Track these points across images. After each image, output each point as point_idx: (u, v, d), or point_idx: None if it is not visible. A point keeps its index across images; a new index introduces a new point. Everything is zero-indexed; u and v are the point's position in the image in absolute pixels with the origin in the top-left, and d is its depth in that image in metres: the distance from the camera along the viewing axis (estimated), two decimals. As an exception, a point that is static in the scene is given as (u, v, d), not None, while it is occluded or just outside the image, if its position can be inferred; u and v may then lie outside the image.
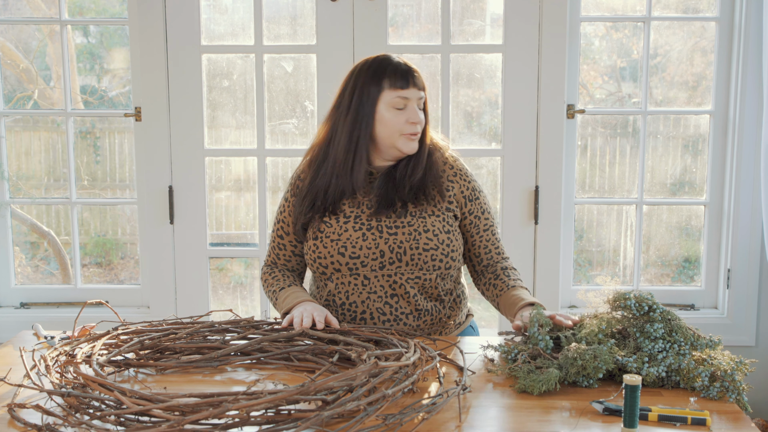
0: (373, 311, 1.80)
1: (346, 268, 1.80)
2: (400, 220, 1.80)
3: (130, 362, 1.60)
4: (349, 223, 1.80)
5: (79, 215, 3.17)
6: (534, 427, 1.36)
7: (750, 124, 2.80)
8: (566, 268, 2.95)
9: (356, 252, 1.78)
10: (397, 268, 1.79)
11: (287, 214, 1.92)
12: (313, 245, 1.83)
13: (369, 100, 1.80)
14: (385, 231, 1.79)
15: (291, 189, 1.93)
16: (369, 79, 1.80)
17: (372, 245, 1.78)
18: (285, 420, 1.23)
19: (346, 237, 1.79)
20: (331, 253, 1.79)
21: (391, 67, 1.81)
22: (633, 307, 1.59)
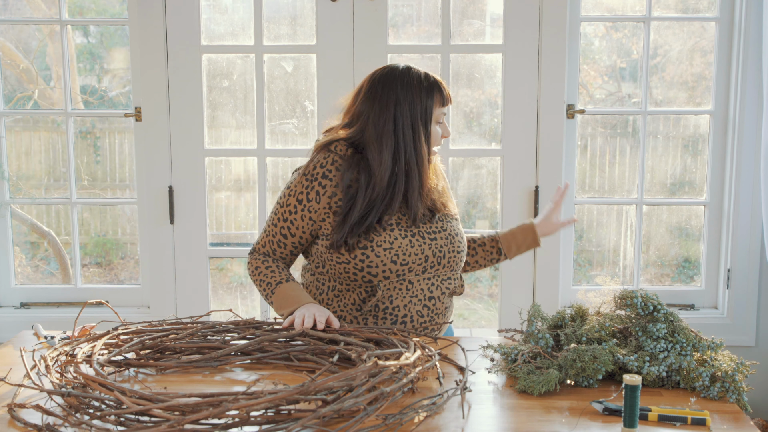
0: (413, 314, 1.81)
1: (395, 274, 1.79)
2: (435, 225, 1.85)
3: (130, 362, 1.60)
4: (395, 231, 1.79)
5: (79, 215, 3.17)
6: (534, 427, 1.36)
7: (750, 124, 2.80)
8: (566, 268, 2.95)
9: (406, 259, 1.79)
10: (436, 271, 1.84)
11: (299, 218, 1.83)
12: (360, 254, 1.77)
13: (426, 116, 1.81)
14: (427, 237, 1.82)
15: (306, 191, 1.83)
16: (422, 94, 1.81)
17: (419, 251, 1.80)
18: (285, 420, 1.23)
19: (397, 245, 1.78)
20: (384, 261, 1.77)
21: (436, 82, 1.84)
22: (639, 305, 1.59)
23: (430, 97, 1.81)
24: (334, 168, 1.81)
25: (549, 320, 1.68)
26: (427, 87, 1.81)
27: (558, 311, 1.71)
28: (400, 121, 1.79)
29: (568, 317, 1.68)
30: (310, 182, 1.82)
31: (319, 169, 1.82)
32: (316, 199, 1.81)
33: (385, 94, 1.80)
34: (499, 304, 2.93)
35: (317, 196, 1.81)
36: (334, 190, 1.80)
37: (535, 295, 2.89)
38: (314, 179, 1.82)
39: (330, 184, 1.80)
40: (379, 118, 1.79)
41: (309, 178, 1.82)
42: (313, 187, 1.81)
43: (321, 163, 1.83)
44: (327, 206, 1.80)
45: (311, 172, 1.83)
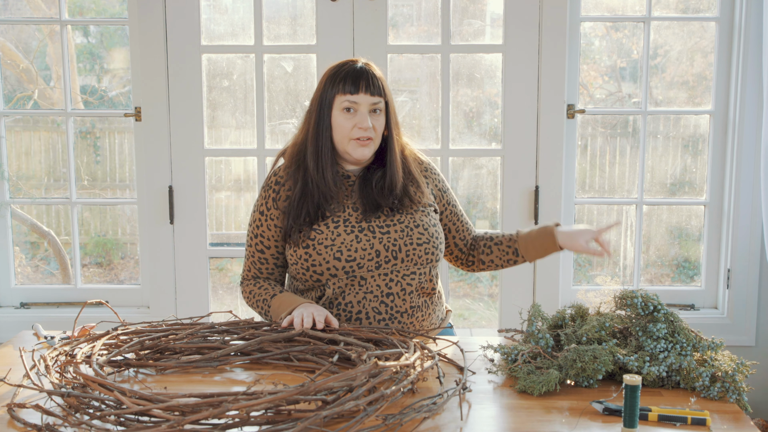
0: (369, 311, 1.79)
1: (343, 272, 1.78)
2: (390, 219, 1.83)
3: (130, 362, 1.60)
4: (339, 228, 1.80)
5: (79, 215, 3.17)
6: (534, 427, 1.36)
7: (750, 124, 2.80)
8: (566, 268, 2.95)
9: (352, 255, 1.78)
10: (393, 266, 1.80)
11: (266, 228, 1.87)
12: (304, 254, 1.79)
13: (327, 105, 1.82)
14: (378, 231, 1.80)
15: (264, 201, 1.87)
16: (328, 83, 1.83)
17: (367, 246, 1.79)
18: (285, 420, 1.23)
19: (340, 241, 1.78)
20: (326, 259, 1.78)
21: (345, 71, 1.82)
22: (639, 305, 1.59)
23: (332, 85, 1.82)
24: (286, 173, 1.86)
25: (549, 320, 1.68)
26: (331, 75, 1.83)
27: (558, 311, 1.70)
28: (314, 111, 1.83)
29: (568, 317, 1.68)
30: (266, 191, 1.88)
31: (273, 177, 1.89)
32: (274, 206, 1.86)
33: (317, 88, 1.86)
34: (499, 304, 2.93)
35: (274, 203, 1.86)
36: (288, 193, 1.85)
37: (535, 295, 2.88)
38: (269, 188, 1.88)
39: (283, 188, 1.86)
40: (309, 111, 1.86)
41: (265, 188, 1.89)
42: (269, 195, 1.87)
43: (274, 171, 1.90)
44: (284, 209, 1.85)
45: (267, 183, 1.89)
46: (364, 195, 1.84)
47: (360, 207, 1.83)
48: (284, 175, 1.86)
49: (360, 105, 1.80)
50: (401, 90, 3.17)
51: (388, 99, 1.85)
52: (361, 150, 1.81)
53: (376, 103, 1.81)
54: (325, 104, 1.82)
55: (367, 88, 1.80)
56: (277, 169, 1.89)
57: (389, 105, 1.86)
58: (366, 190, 1.84)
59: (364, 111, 1.80)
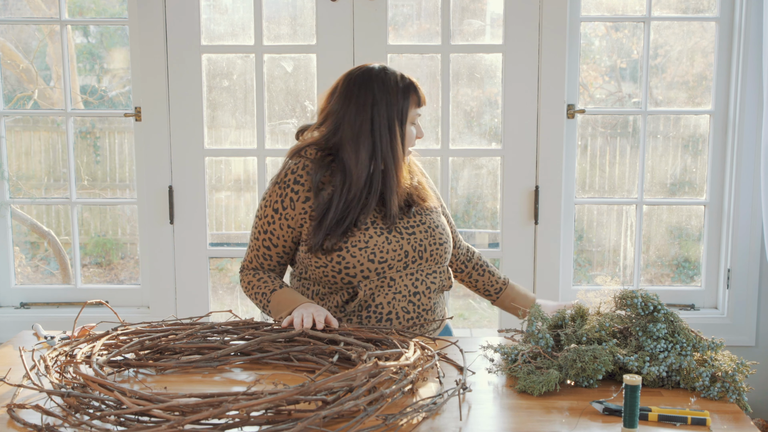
0: (399, 311, 1.81)
1: (375, 273, 1.78)
2: (412, 220, 1.84)
3: (129, 362, 1.60)
4: (370, 230, 1.79)
5: (79, 215, 3.17)
6: (534, 427, 1.36)
7: (750, 124, 2.80)
8: (566, 268, 2.95)
9: (384, 256, 1.78)
10: (419, 265, 1.83)
11: (277, 227, 1.84)
12: (336, 257, 1.77)
13: (402, 118, 1.81)
14: (404, 232, 1.82)
15: (281, 199, 1.82)
16: (400, 96, 1.81)
17: (397, 247, 1.80)
18: (285, 420, 1.23)
19: (372, 243, 1.78)
20: (360, 261, 1.77)
21: (412, 84, 1.84)
22: (639, 305, 1.59)
23: (406, 98, 1.81)
24: (305, 173, 1.81)
25: (549, 320, 1.68)
26: (403, 88, 1.81)
27: (558, 311, 1.71)
28: (377, 121, 1.78)
29: (568, 317, 1.68)
30: (283, 190, 1.82)
31: (290, 175, 1.82)
32: (291, 206, 1.81)
33: (362, 94, 1.79)
34: (499, 304, 2.93)
35: (291, 203, 1.81)
36: (308, 194, 1.80)
37: (536, 295, 2.88)
38: (287, 186, 1.82)
39: (302, 189, 1.80)
40: (356, 118, 1.78)
41: (282, 186, 1.82)
42: (286, 194, 1.81)
43: (292, 169, 1.83)
44: (302, 211, 1.81)
45: (283, 180, 1.82)
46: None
47: (381, 210, 1.83)
48: (303, 174, 1.81)
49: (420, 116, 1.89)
50: (401, 90, 3.15)
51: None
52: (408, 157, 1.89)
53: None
54: (401, 117, 1.81)
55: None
56: (294, 167, 1.82)
57: None
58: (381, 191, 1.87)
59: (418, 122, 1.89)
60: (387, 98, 1.79)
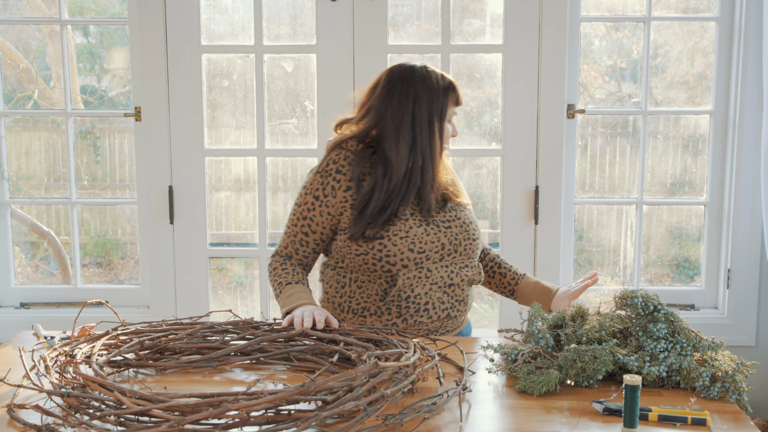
0: (435, 301, 1.86)
1: (413, 263, 1.84)
2: (448, 215, 1.91)
3: (129, 362, 1.60)
4: (409, 221, 1.85)
5: (79, 215, 3.17)
6: (534, 427, 1.36)
7: (750, 124, 2.80)
8: (566, 268, 2.95)
9: (423, 247, 1.84)
10: (453, 258, 1.89)
11: (317, 213, 1.89)
12: (377, 245, 1.82)
13: (442, 115, 1.89)
14: (441, 226, 1.88)
15: (322, 187, 1.88)
16: (440, 93, 1.88)
17: (434, 239, 1.86)
18: (285, 420, 1.23)
19: (413, 234, 1.84)
20: (401, 250, 1.82)
21: (451, 83, 1.92)
22: (639, 305, 1.59)
23: (446, 96, 1.89)
24: (347, 163, 1.88)
25: (549, 320, 1.68)
26: (444, 86, 1.89)
27: (558, 311, 1.71)
28: (418, 116, 1.86)
29: (568, 317, 1.68)
30: (324, 178, 1.89)
31: (332, 165, 1.89)
32: (332, 194, 1.87)
33: (404, 90, 1.86)
34: (500, 304, 2.93)
35: (333, 191, 1.87)
36: (349, 184, 1.86)
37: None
38: (328, 175, 1.88)
39: (344, 178, 1.87)
40: (398, 112, 1.85)
41: (323, 175, 1.89)
42: (328, 182, 1.88)
43: (334, 160, 1.89)
44: (343, 200, 1.86)
45: (325, 169, 1.89)
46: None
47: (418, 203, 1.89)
48: (345, 165, 1.87)
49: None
50: (401, 90, 3.16)
51: None
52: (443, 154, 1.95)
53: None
54: (440, 114, 1.88)
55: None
56: (336, 158, 1.89)
57: None
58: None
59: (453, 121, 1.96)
60: (428, 95, 1.86)
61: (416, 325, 1.85)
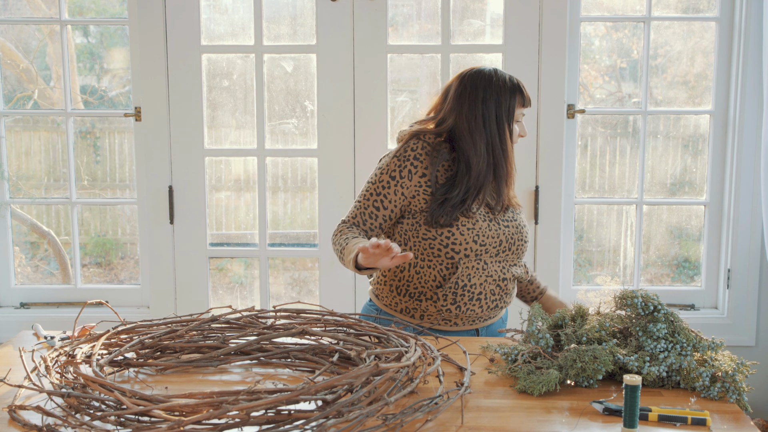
0: (487, 293, 1.96)
1: (474, 254, 1.94)
2: (507, 215, 2.03)
3: (130, 362, 1.60)
4: (476, 215, 1.96)
5: (79, 215, 3.17)
6: (534, 427, 1.36)
7: (750, 124, 2.80)
8: (566, 268, 2.95)
9: (485, 241, 1.95)
10: (506, 255, 2.00)
11: (392, 192, 1.98)
12: (446, 232, 1.93)
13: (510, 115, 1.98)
14: (501, 224, 2.00)
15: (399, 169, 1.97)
16: (508, 94, 1.98)
17: (495, 235, 1.97)
18: (285, 420, 1.23)
19: (478, 227, 1.95)
20: (467, 240, 1.93)
21: (518, 84, 2.00)
22: (639, 305, 1.59)
23: (513, 97, 1.98)
24: (424, 153, 1.98)
25: (549, 320, 1.68)
26: (510, 88, 1.98)
27: (558, 311, 1.71)
28: (488, 117, 1.96)
29: (568, 317, 1.68)
30: (402, 162, 1.98)
31: (410, 151, 1.99)
32: (408, 177, 1.97)
33: (473, 92, 1.97)
34: (499, 304, 2.93)
35: (409, 174, 1.97)
36: (425, 171, 1.96)
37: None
38: (407, 159, 1.98)
39: (421, 165, 1.97)
40: (470, 114, 1.96)
41: (401, 159, 1.99)
42: (405, 166, 1.98)
43: (412, 147, 1.99)
44: (418, 185, 1.96)
45: (403, 154, 1.99)
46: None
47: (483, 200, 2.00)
48: (422, 153, 1.97)
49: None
50: (401, 90, 3.16)
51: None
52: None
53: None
54: (507, 113, 1.97)
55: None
56: (414, 146, 1.98)
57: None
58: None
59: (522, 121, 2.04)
60: (496, 96, 1.96)
61: (467, 313, 1.94)
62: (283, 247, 3.11)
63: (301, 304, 1.90)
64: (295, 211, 3.69)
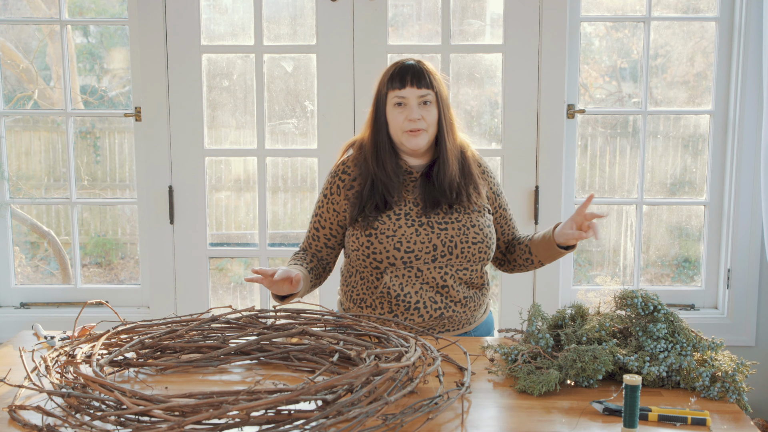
0: (426, 300, 1.89)
1: (401, 262, 1.88)
2: (448, 216, 1.92)
3: (130, 362, 1.60)
4: (401, 220, 1.91)
5: (79, 215, 3.17)
6: (534, 427, 1.36)
7: (750, 124, 2.80)
8: (566, 268, 2.95)
9: (411, 247, 1.88)
10: (448, 260, 1.90)
11: (326, 210, 2.00)
12: (366, 241, 1.90)
13: (381, 102, 1.95)
14: (436, 227, 1.91)
15: (330, 186, 2.00)
16: (381, 83, 1.96)
17: (425, 240, 1.89)
18: (285, 420, 1.23)
19: (401, 233, 1.89)
20: (386, 248, 1.88)
21: (395, 68, 1.94)
22: (639, 305, 1.59)
23: (384, 82, 1.94)
24: (353, 164, 1.99)
25: (549, 320, 1.68)
26: (386, 72, 1.95)
27: (558, 311, 1.71)
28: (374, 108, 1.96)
29: (568, 317, 1.68)
30: (333, 178, 2.01)
31: (340, 166, 2.01)
32: (337, 192, 1.98)
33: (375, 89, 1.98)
34: (500, 304, 2.93)
35: (338, 189, 1.99)
36: (353, 183, 1.97)
37: (535, 295, 2.88)
38: (336, 175, 2.01)
39: (348, 178, 1.98)
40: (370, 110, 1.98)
41: (332, 175, 2.02)
42: (334, 182, 2.00)
43: (342, 161, 2.02)
44: (346, 198, 1.97)
45: (334, 171, 2.02)
46: (425, 191, 1.94)
47: (420, 202, 1.93)
48: (351, 165, 1.99)
49: (408, 98, 1.91)
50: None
51: (438, 92, 1.93)
52: (415, 140, 1.92)
53: (424, 95, 1.91)
54: (381, 102, 1.95)
55: (414, 82, 1.91)
56: (346, 158, 2.01)
57: (440, 98, 1.94)
58: (427, 185, 1.94)
59: (413, 104, 1.91)
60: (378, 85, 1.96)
61: (409, 323, 1.89)
62: (283, 247, 3.11)
63: (301, 304, 1.91)
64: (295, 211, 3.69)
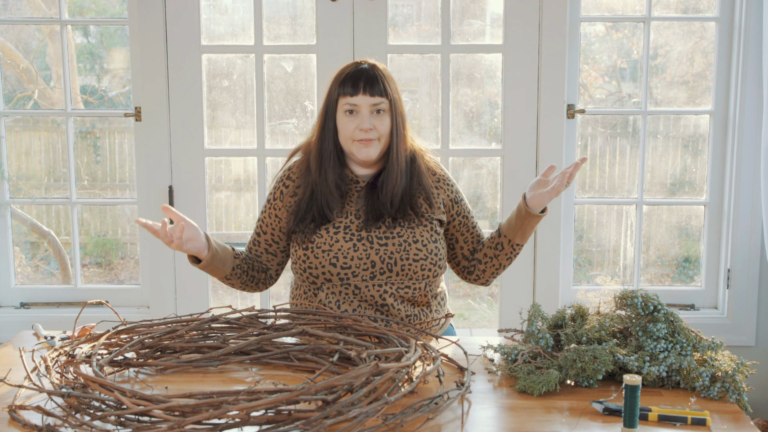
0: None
1: (338, 278, 1.81)
2: (389, 231, 1.83)
3: (130, 362, 1.60)
4: (339, 234, 1.82)
5: (79, 215, 3.17)
6: (534, 427, 1.36)
7: (750, 124, 2.80)
8: (566, 268, 2.95)
9: (348, 263, 1.80)
10: (388, 278, 1.82)
11: (267, 215, 1.95)
12: (303, 255, 1.83)
13: (331, 107, 1.86)
14: (376, 242, 1.82)
15: (273, 192, 1.95)
16: (332, 86, 1.86)
17: (363, 256, 1.81)
18: (285, 420, 1.23)
19: (337, 248, 1.81)
20: (322, 263, 1.81)
21: (347, 73, 1.84)
22: (639, 305, 1.59)
23: (335, 87, 1.85)
24: (298, 170, 1.92)
25: (549, 320, 1.68)
26: (337, 77, 1.86)
27: (558, 311, 1.71)
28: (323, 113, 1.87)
29: (568, 317, 1.68)
30: (277, 184, 1.96)
31: (286, 171, 1.96)
32: (280, 198, 1.93)
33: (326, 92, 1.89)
34: (500, 304, 2.93)
35: (281, 195, 1.93)
36: (296, 190, 1.91)
37: (535, 295, 2.88)
38: (280, 181, 1.95)
39: (292, 184, 1.92)
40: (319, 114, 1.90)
41: (277, 181, 1.97)
42: (278, 187, 1.94)
43: (288, 166, 1.97)
44: (288, 205, 1.91)
45: (279, 176, 1.97)
46: (368, 202, 1.84)
47: (362, 215, 1.84)
48: (296, 171, 1.92)
49: (360, 106, 1.81)
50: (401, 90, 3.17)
51: (392, 99, 1.83)
52: (366, 150, 1.82)
53: (377, 104, 1.81)
54: (330, 107, 1.85)
55: (367, 89, 1.81)
56: (292, 164, 1.95)
57: (395, 106, 1.84)
58: (372, 196, 1.85)
59: (365, 112, 1.81)
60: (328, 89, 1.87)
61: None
62: (283, 247, 3.10)
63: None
64: (295, 211, 3.68)
